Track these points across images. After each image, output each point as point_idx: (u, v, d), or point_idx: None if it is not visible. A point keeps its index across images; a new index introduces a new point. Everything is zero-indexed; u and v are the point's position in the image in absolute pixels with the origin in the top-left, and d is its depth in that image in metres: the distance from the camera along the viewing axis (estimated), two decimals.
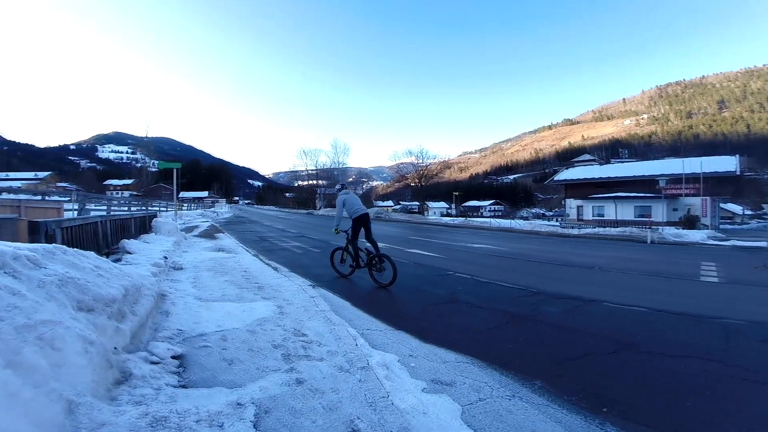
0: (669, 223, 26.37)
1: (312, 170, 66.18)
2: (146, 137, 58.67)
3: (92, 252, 3.27)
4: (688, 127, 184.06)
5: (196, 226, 18.35)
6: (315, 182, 67.00)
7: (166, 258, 6.44)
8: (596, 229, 21.27)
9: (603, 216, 33.83)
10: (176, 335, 3.20)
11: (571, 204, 39.11)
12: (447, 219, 34.33)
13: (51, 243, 4.03)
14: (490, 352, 3.43)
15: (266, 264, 7.24)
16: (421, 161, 45.76)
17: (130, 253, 6.22)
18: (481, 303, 5.11)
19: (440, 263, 8.47)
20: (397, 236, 15.70)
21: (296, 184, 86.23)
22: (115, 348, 2.37)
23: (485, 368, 3.07)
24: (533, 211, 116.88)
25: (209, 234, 13.75)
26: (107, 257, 6.19)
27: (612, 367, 3.18)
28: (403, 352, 3.31)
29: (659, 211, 29.72)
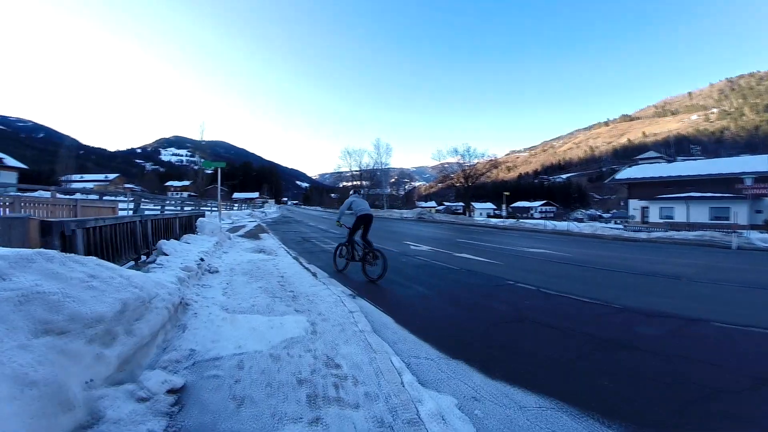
0: (753, 227, 22.98)
1: (356, 171, 66.57)
2: (203, 141, 62.06)
3: (94, 257, 2.80)
4: (766, 122, 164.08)
5: (243, 226, 18.58)
6: (359, 183, 67.31)
7: (202, 260, 6.09)
8: (669, 233, 18.92)
9: (672, 218, 30.52)
10: (185, 358, 2.65)
11: (635, 205, 35.71)
12: (495, 221, 32.61)
13: (69, 245, 3.68)
14: (581, 392, 2.57)
15: (305, 268, 6.71)
16: (466, 160, 44.02)
17: (165, 255, 5.93)
18: (556, 323, 4.17)
19: (496, 270, 7.50)
20: (443, 239, 14.78)
21: (340, 185, 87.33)
22: (89, 381, 1.82)
23: (581, 419, 2.24)
24: (588, 212, 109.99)
25: (253, 234, 13.68)
26: (138, 260, 5.98)
27: (761, 411, 2.24)
28: (464, 393, 2.53)
29: (740, 213, 26.08)
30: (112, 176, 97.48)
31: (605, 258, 10.14)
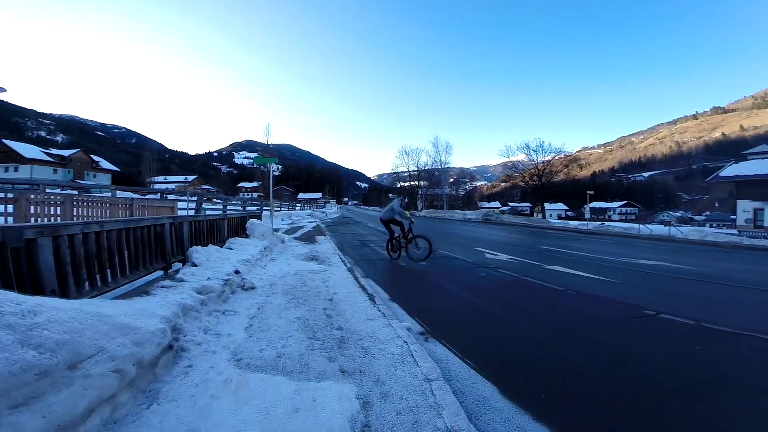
0: None
1: (413, 171, 64.87)
2: (271, 144, 64.83)
3: None
4: None
5: (302, 227, 17.92)
6: (417, 183, 65.56)
7: (236, 273, 4.93)
8: None
9: None
10: None
11: (745, 206, 29.67)
12: (574, 223, 29.05)
13: (24, 261, 2.56)
14: None
15: (360, 286, 5.27)
16: (534, 158, 39.98)
17: (194, 266, 4.85)
18: None
19: (616, 292, 5.48)
20: (521, 245, 12.62)
21: (398, 185, 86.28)
22: None
23: None
24: (677, 214, 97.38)
25: (310, 237, 12.71)
26: (168, 270, 4.95)
27: None
28: None
29: None
30: (191, 178, 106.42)
31: (754, 274, 7.49)
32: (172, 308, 2.83)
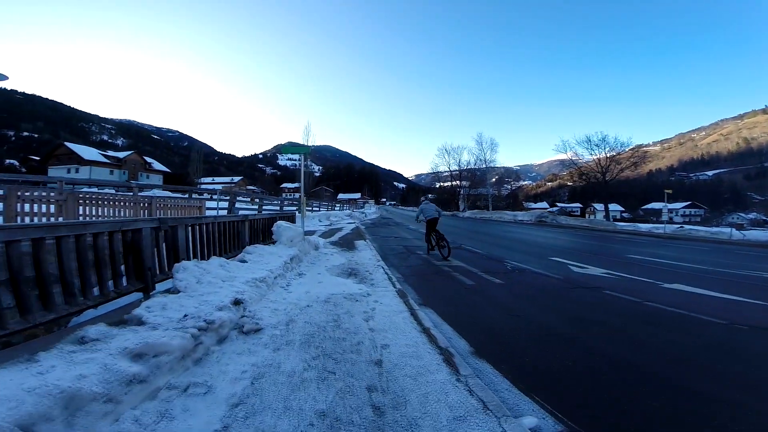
0: None
1: (455, 170, 61.98)
2: (312, 146, 65.06)
3: None
4: None
5: (340, 229, 16.40)
6: (458, 183, 62.64)
7: (237, 303, 3.27)
8: None
9: None
10: None
11: None
12: (646, 226, 25.39)
13: None
14: None
15: (422, 329, 3.39)
16: (596, 153, 35.86)
17: (176, 292, 3.23)
18: None
19: None
20: (603, 254, 10.18)
21: (437, 185, 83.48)
22: None
23: None
24: (749, 216, 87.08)
25: (348, 241, 11.05)
26: (148, 292, 3.35)
27: None
28: None
29: None
30: (236, 179, 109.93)
31: None
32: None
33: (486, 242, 12.44)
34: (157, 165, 76.07)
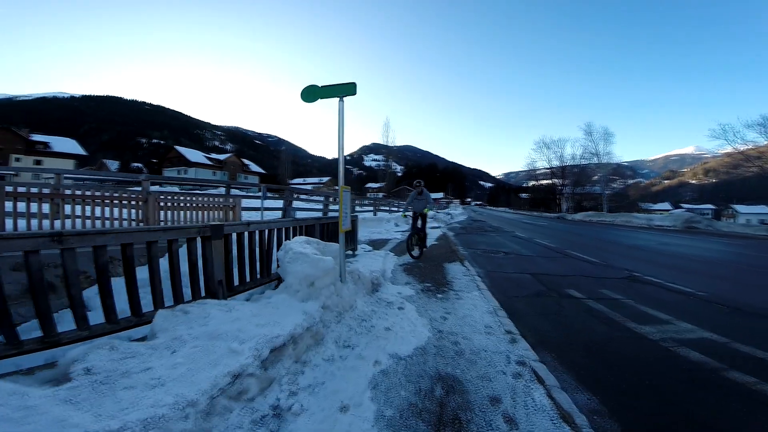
0: None
1: (556, 167, 53.45)
2: (394, 146, 62.68)
3: None
4: None
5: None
6: (561, 180, 54.00)
7: None
8: None
9: None
10: None
11: None
12: None
13: None
14: None
15: None
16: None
17: None
18: None
19: None
20: None
21: (530, 184, 74.29)
22: None
23: None
24: None
25: (433, 265, 7.07)
26: None
27: None
28: None
29: None
30: (325, 179, 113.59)
31: None
32: None
33: (685, 270, 7.32)
34: (253, 167, 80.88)
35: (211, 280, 3.09)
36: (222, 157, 75.60)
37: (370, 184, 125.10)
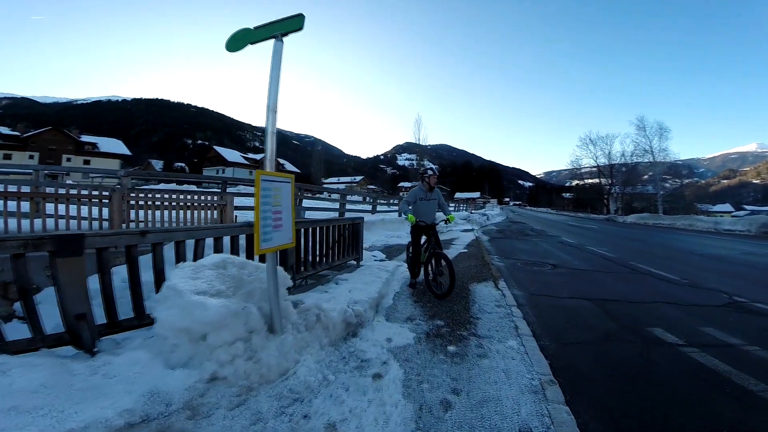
0: None
1: (603, 164, 49.24)
2: (429, 146, 61.05)
3: None
4: None
5: (450, 242, 10.94)
6: (609, 179, 49.71)
7: None
8: None
9: None
10: None
11: None
12: None
13: None
14: None
15: None
16: None
17: None
18: None
19: None
20: None
21: (573, 183, 69.43)
22: None
23: None
24: None
25: (458, 285, 5.54)
26: None
27: None
28: None
29: None
30: (358, 178, 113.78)
31: None
32: None
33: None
34: (289, 166, 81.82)
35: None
36: (259, 156, 76.91)
37: (402, 183, 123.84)
